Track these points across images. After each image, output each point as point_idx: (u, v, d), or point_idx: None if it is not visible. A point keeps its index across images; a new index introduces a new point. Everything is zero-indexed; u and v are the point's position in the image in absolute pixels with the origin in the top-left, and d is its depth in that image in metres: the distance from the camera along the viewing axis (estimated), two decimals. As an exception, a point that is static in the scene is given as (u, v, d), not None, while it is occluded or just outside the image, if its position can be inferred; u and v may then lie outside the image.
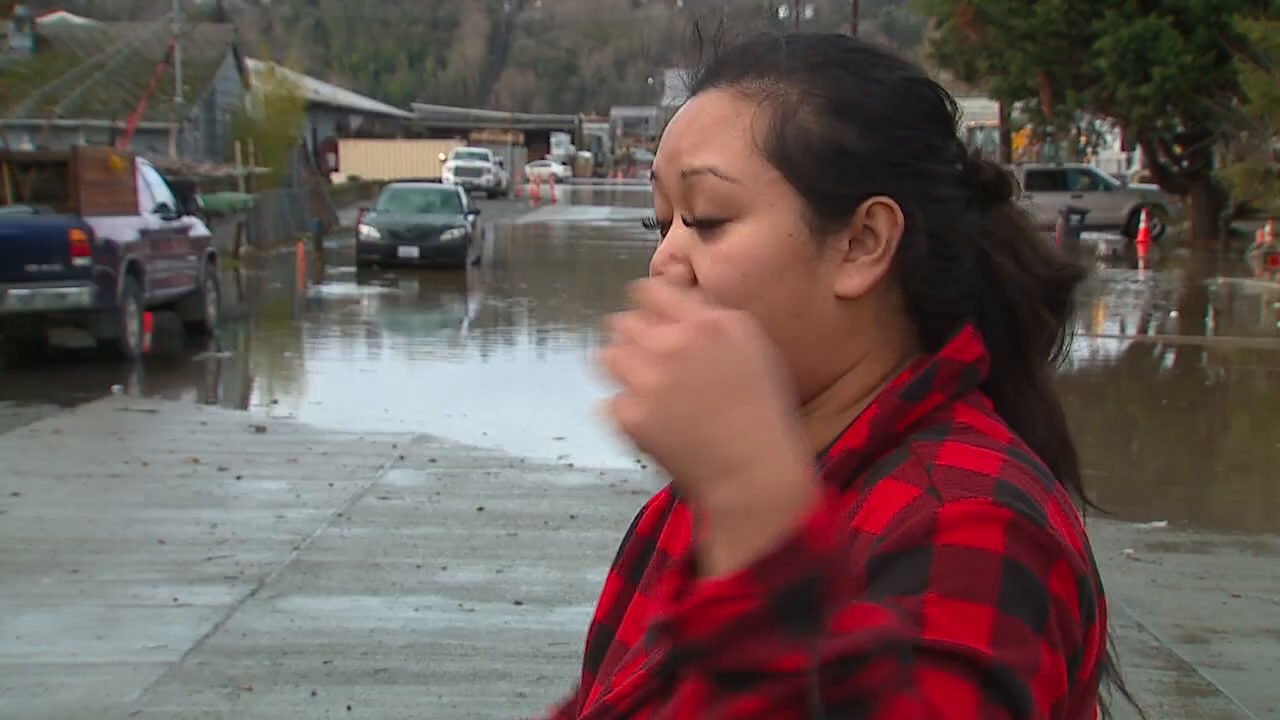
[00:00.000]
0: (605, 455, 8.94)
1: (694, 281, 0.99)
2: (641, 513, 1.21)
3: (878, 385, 1.01)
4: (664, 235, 1.04)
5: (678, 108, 1.06)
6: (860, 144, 0.98)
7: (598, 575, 6.14)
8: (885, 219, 0.98)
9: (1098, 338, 16.61)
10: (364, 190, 41.80)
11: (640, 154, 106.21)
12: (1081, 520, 0.98)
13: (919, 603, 0.83)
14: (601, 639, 1.15)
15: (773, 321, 0.97)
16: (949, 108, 1.03)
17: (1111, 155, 46.02)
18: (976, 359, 1.00)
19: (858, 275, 0.99)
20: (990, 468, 0.90)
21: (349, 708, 4.65)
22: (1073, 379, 13.76)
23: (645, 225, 1.07)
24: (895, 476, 0.93)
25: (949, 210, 1.01)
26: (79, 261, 12.14)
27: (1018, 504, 0.87)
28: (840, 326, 1.00)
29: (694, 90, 1.04)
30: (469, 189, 34.46)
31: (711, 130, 0.99)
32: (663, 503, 1.18)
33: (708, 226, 0.99)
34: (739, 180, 0.98)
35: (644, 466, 8.61)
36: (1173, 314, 19.37)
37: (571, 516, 7.28)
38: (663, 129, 1.06)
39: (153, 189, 14.44)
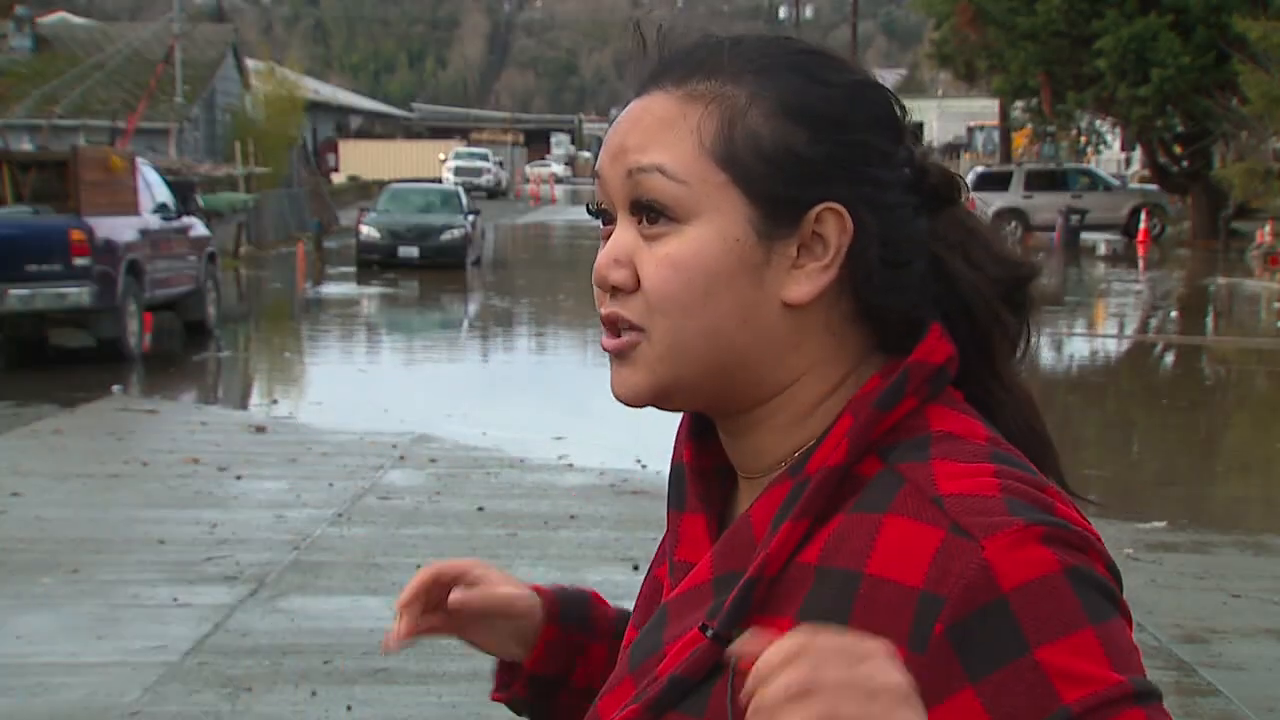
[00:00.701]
0: (605, 455, 8.94)
1: (637, 286, 0.97)
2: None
3: (832, 393, 0.99)
4: (604, 223, 1.02)
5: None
6: (810, 148, 0.96)
7: (598, 575, 6.13)
8: (834, 225, 0.96)
9: (1098, 338, 16.62)
10: (364, 190, 41.80)
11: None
12: None
13: (1034, 664, 0.85)
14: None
15: (718, 329, 0.96)
16: (898, 111, 1.02)
17: (1111, 155, 45.99)
18: (947, 359, 0.99)
19: (806, 283, 0.97)
20: (991, 487, 0.90)
21: (349, 708, 4.65)
22: (1073, 379, 13.77)
23: (589, 211, 1.04)
24: (897, 510, 0.91)
25: (899, 216, 0.99)
26: (79, 261, 12.14)
27: (1038, 515, 0.88)
28: (788, 335, 0.98)
29: (639, 91, 1.02)
30: (469, 189, 34.46)
31: (658, 130, 0.97)
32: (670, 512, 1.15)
33: (652, 227, 0.97)
34: (686, 182, 0.96)
35: (644, 466, 8.61)
36: (1173, 314, 19.37)
37: (571, 516, 7.28)
38: None
39: (153, 189, 14.44)
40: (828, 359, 0.99)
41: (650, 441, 9.26)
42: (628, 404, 1.01)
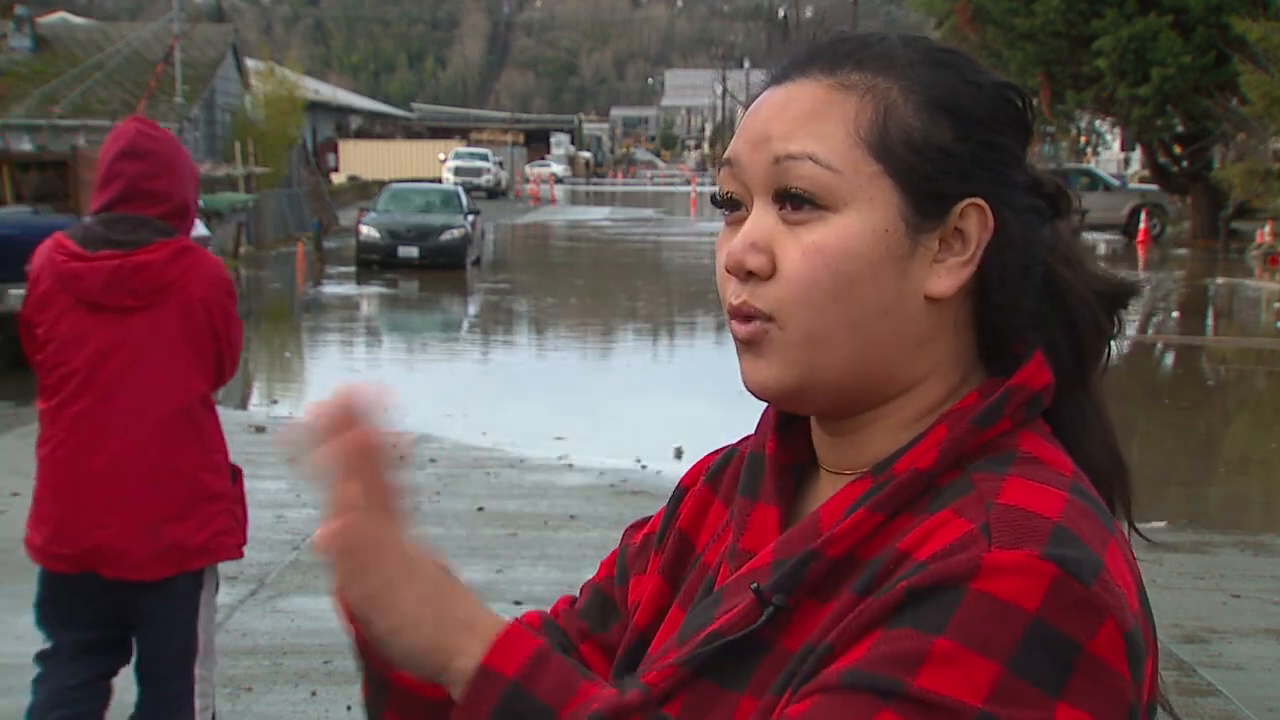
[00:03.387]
0: (605, 455, 8.95)
1: (774, 272, 0.97)
2: (680, 496, 1.17)
3: (944, 402, 1.00)
4: (731, 211, 1.02)
5: (677, 107, 1.04)
6: (958, 144, 0.97)
7: (598, 575, 6.14)
8: (977, 221, 0.97)
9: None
10: (364, 190, 41.80)
11: (640, 154, 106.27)
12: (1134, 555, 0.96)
13: (928, 642, 0.84)
14: (639, 647, 1.10)
15: (860, 319, 0.96)
16: (1031, 117, 1.03)
17: (1111, 155, 46.02)
18: (1044, 387, 0.99)
19: (948, 277, 0.97)
20: (1052, 509, 0.89)
21: (349, 708, 4.65)
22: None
23: (713, 202, 1.04)
24: (956, 510, 0.91)
25: (1029, 219, 1.00)
26: (79, 261, 12.13)
27: (1069, 557, 0.86)
28: (925, 329, 0.98)
29: (778, 79, 1.02)
30: (469, 189, 34.45)
31: (808, 118, 0.97)
32: (704, 496, 1.15)
33: (796, 213, 0.97)
34: (839, 170, 0.96)
35: (643, 466, 8.62)
36: (1173, 314, 19.38)
37: (571, 516, 7.28)
38: (737, 124, 1.03)
39: (153, 189, 14.42)
40: (950, 360, 1.00)
41: (650, 441, 9.27)
42: (761, 397, 1.00)
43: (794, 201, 0.97)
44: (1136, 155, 42.39)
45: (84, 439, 3.40)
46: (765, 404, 1.05)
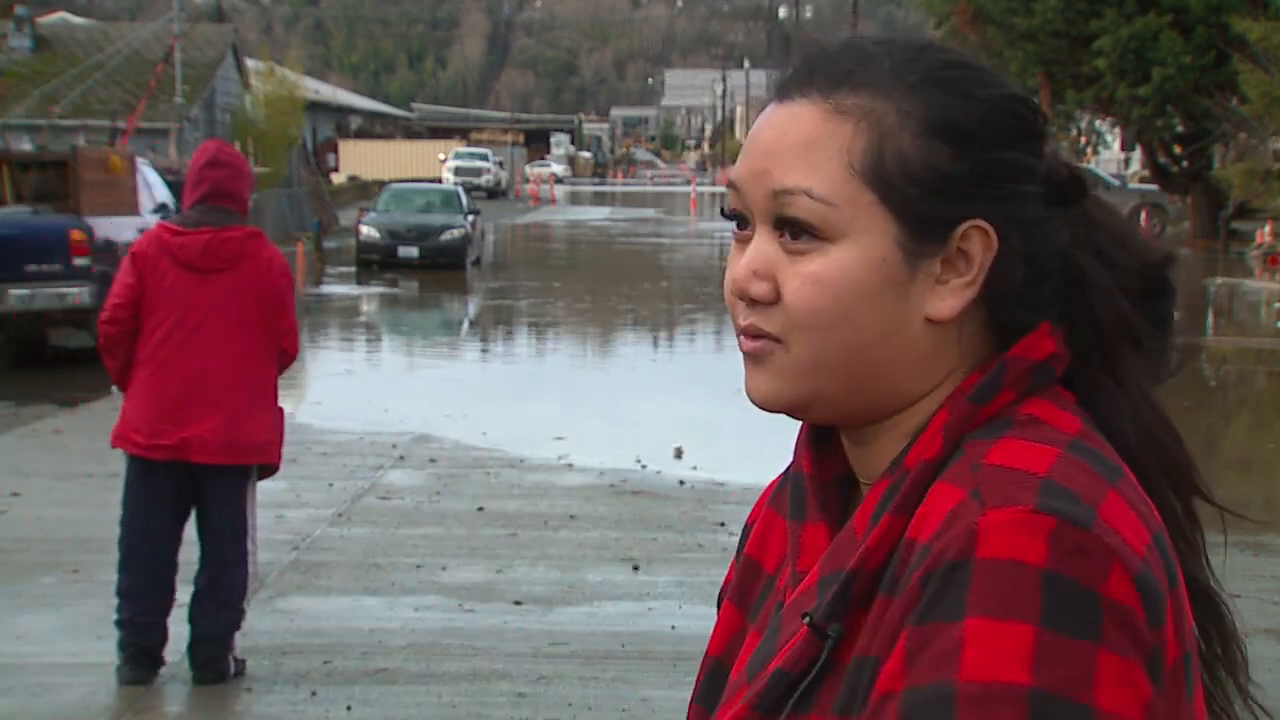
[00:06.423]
0: (605, 455, 8.94)
1: (777, 299, 0.98)
2: (747, 531, 1.17)
3: None
4: (739, 227, 1.03)
5: (677, 107, 1.04)
6: (957, 166, 0.96)
7: (598, 575, 6.13)
8: (979, 242, 0.97)
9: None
10: (364, 190, 41.78)
11: (640, 154, 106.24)
12: (1156, 512, 0.95)
13: (958, 630, 0.84)
14: (715, 675, 1.11)
15: (860, 344, 0.96)
16: (1040, 124, 1.01)
17: (1111, 155, 45.98)
18: (1048, 356, 0.98)
19: (950, 298, 0.97)
20: (1040, 465, 0.89)
21: (349, 708, 4.65)
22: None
23: (723, 214, 1.04)
24: (946, 478, 0.92)
25: (1040, 232, 0.99)
26: (79, 261, 12.14)
27: (1062, 507, 0.86)
28: (927, 348, 0.98)
29: (780, 95, 1.01)
30: (469, 189, 34.43)
31: (805, 148, 0.97)
32: (767, 520, 1.14)
33: (796, 242, 0.97)
34: (835, 204, 0.96)
35: (643, 466, 8.61)
36: (1174, 314, 19.35)
37: (571, 516, 7.28)
38: (743, 131, 1.04)
39: (153, 189, 14.44)
40: (958, 370, 1.00)
41: (650, 441, 9.27)
42: (764, 409, 1.01)
43: (793, 230, 0.97)
44: (1136, 155, 42.37)
45: (179, 362, 4.61)
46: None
